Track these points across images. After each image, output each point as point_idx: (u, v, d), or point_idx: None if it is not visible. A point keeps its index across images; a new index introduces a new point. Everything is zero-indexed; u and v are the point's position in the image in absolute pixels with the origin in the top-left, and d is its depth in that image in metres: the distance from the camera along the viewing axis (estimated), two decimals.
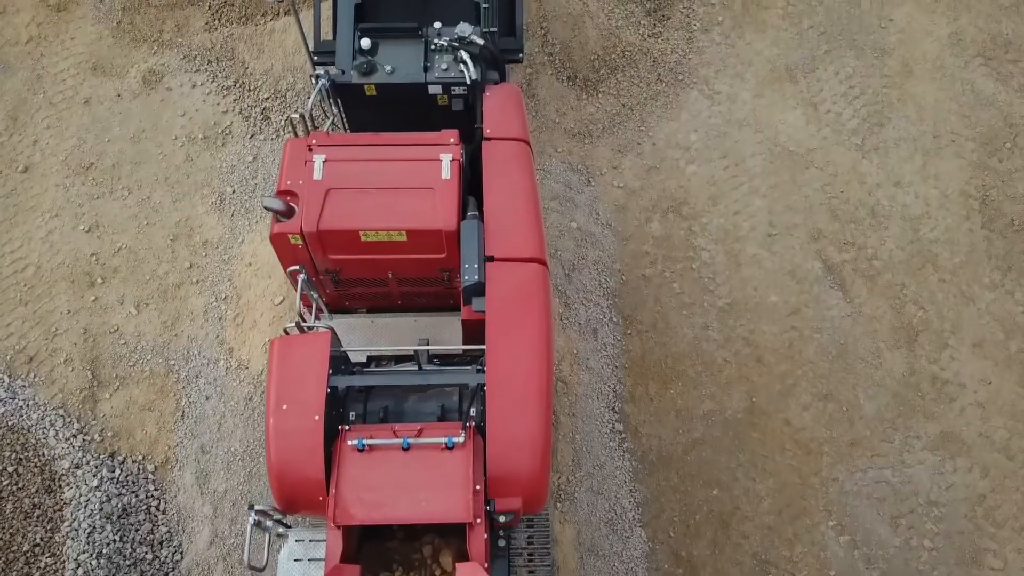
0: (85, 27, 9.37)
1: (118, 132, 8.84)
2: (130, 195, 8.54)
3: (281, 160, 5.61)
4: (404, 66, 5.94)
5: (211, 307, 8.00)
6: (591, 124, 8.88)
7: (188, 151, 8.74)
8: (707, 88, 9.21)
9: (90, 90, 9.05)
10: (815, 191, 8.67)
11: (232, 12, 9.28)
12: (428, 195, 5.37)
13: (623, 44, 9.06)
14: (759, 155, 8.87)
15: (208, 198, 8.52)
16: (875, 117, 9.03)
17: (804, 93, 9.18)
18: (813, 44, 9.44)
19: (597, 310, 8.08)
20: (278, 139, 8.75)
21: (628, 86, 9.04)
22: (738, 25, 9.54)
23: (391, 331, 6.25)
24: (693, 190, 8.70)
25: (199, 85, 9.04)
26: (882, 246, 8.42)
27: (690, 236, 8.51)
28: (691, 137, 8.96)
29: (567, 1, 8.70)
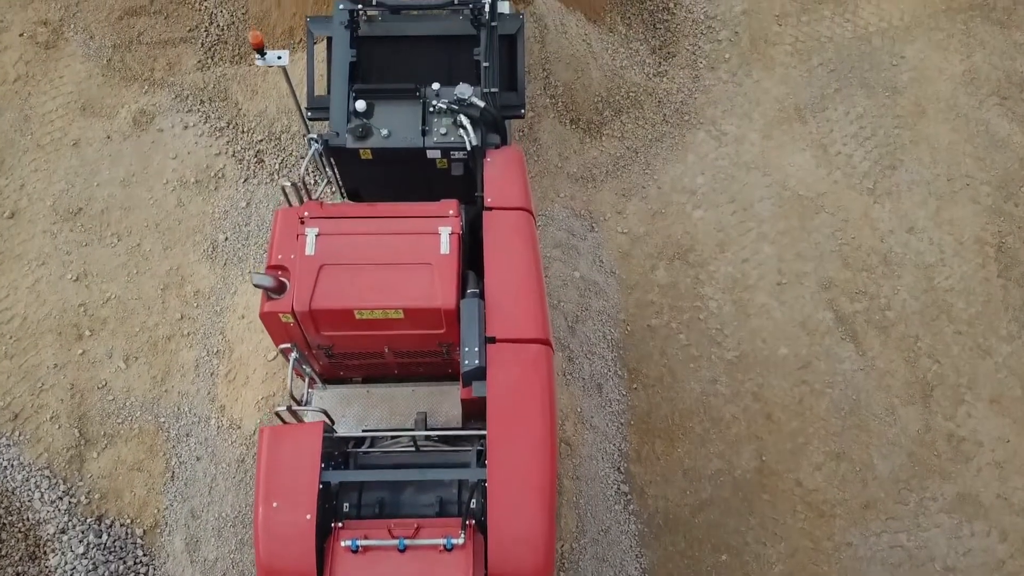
0: (74, 65, 9.11)
1: (107, 176, 8.58)
2: (119, 242, 8.28)
3: (271, 232, 5.35)
4: (401, 129, 5.68)
5: (203, 361, 7.74)
6: (594, 168, 8.63)
7: (179, 195, 8.48)
8: (714, 129, 8.95)
9: (79, 131, 8.80)
10: (826, 237, 8.42)
11: (225, 50, 9.02)
12: (426, 271, 5.11)
13: (628, 85, 8.80)
14: (768, 199, 8.61)
15: (200, 245, 8.26)
16: (887, 159, 8.78)
17: (814, 134, 8.92)
18: (823, 82, 9.18)
19: (601, 363, 7.82)
20: (272, 183, 8.50)
21: (633, 128, 8.79)
22: (745, 62, 9.29)
23: (388, 402, 5.99)
24: (700, 236, 8.44)
25: (191, 126, 8.78)
26: (895, 296, 8.16)
27: (697, 284, 8.25)
28: (698, 180, 8.70)
29: (570, 43, 8.44)
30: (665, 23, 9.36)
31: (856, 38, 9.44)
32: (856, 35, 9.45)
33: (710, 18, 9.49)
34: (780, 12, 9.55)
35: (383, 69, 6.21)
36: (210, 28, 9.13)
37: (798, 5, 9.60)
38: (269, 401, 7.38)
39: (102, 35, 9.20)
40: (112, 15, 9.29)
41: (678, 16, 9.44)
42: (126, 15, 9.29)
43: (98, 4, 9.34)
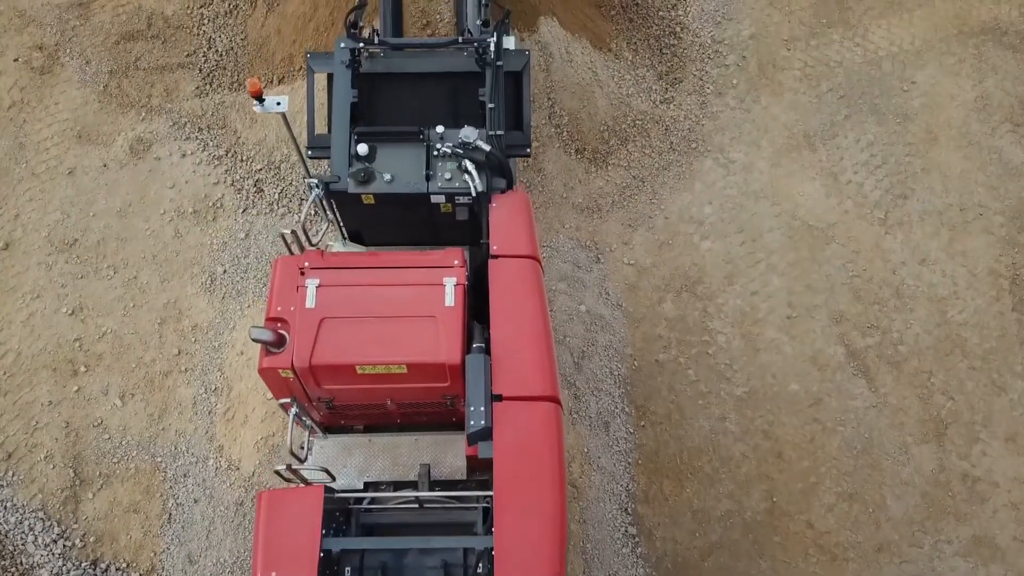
0: (70, 91, 8.95)
1: (104, 205, 8.41)
2: (116, 274, 8.11)
3: (270, 282, 5.18)
4: (404, 174, 5.51)
5: (200, 399, 7.57)
6: (600, 198, 8.46)
7: (177, 226, 8.31)
8: (722, 156, 8.79)
9: (75, 159, 8.63)
10: (836, 269, 8.25)
11: (224, 76, 8.86)
12: (430, 324, 4.94)
13: (634, 113, 8.63)
14: (777, 230, 8.44)
15: (198, 278, 8.09)
16: (898, 188, 8.61)
17: (823, 162, 8.75)
18: (832, 109, 9.02)
19: (608, 400, 7.65)
20: (272, 213, 8.33)
21: (639, 157, 8.62)
22: (753, 88, 9.12)
23: (390, 452, 5.82)
24: (708, 268, 8.27)
25: (189, 154, 8.61)
26: (908, 330, 7.99)
27: (705, 318, 8.08)
28: (705, 210, 8.54)
29: (575, 71, 8.28)
30: (671, 48, 9.20)
31: (866, 63, 9.28)
32: (866, 60, 9.29)
33: (717, 42, 9.33)
34: (789, 36, 9.39)
35: (385, 107, 6.04)
36: (208, 53, 8.97)
37: (807, 29, 9.44)
38: (269, 441, 7.21)
39: (98, 60, 9.04)
40: (109, 40, 9.13)
41: (685, 40, 9.28)
42: (123, 40, 9.13)
43: (94, 28, 9.19)
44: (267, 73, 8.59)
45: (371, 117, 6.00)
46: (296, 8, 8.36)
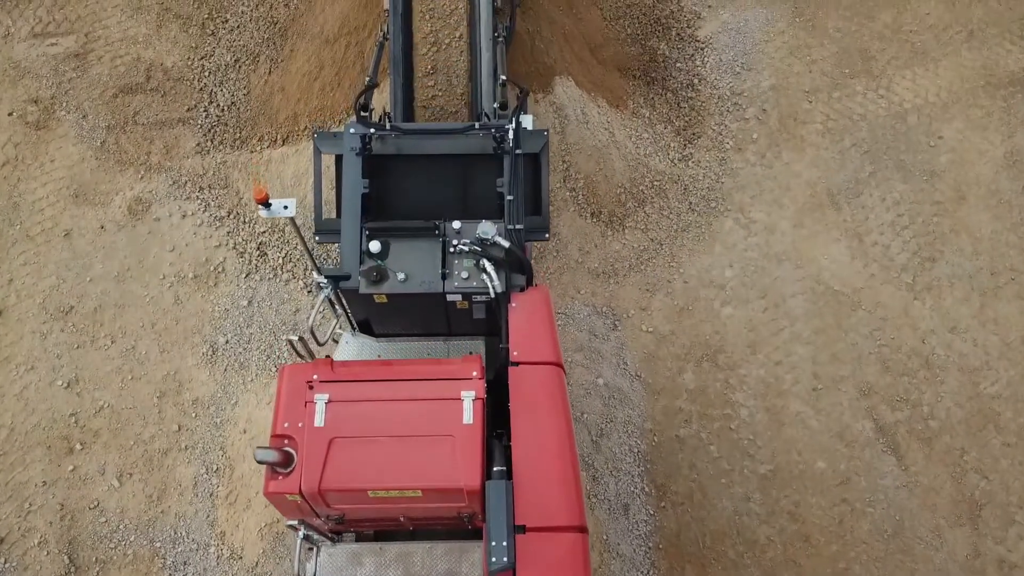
0: (67, 147, 8.63)
1: (101, 270, 8.09)
2: (113, 344, 7.79)
3: (276, 393, 4.86)
4: (419, 272, 5.18)
5: (201, 479, 7.25)
6: (617, 262, 8.14)
7: (177, 292, 8.00)
8: (742, 216, 8.47)
9: (71, 221, 8.31)
10: (863, 338, 7.93)
11: (226, 132, 8.54)
12: (447, 444, 4.61)
13: (652, 174, 8.32)
14: (801, 295, 8.12)
15: (199, 348, 7.77)
16: (926, 250, 8.29)
17: (848, 222, 8.43)
18: (856, 165, 8.70)
19: (628, 480, 7.32)
20: (276, 278, 8.01)
21: (657, 219, 8.30)
22: (774, 143, 8.80)
23: (403, 561, 5.48)
24: (729, 336, 7.95)
25: (189, 215, 8.30)
26: (939, 403, 7.67)
27: (727, 389, 7.76)
28: (726, 273, 8.21)
29: (592, 133, 7.96)
30: (689, 101, 8.88)
31: (891, 116, 8.96)
32: (890, 113, 8.97)
33: (736, 94, 9.01)
34: (810, 88, 9.07)
35: (397, 190, 5.71)
36: (209, 108, 8.66)
37: (829, 80, 9.12)
38: (272, 528, 6.89)
39: (96, 114, 8.73)
40: (107, 92, 8.82)
41: (703, 93, 8.96)
42: (121, 93, 8.82)
43: (92, 81, 8.88)
44: (270, 132, 8.27)
45: (382, 201, 5.68)
46: (301, 66, 8.05)
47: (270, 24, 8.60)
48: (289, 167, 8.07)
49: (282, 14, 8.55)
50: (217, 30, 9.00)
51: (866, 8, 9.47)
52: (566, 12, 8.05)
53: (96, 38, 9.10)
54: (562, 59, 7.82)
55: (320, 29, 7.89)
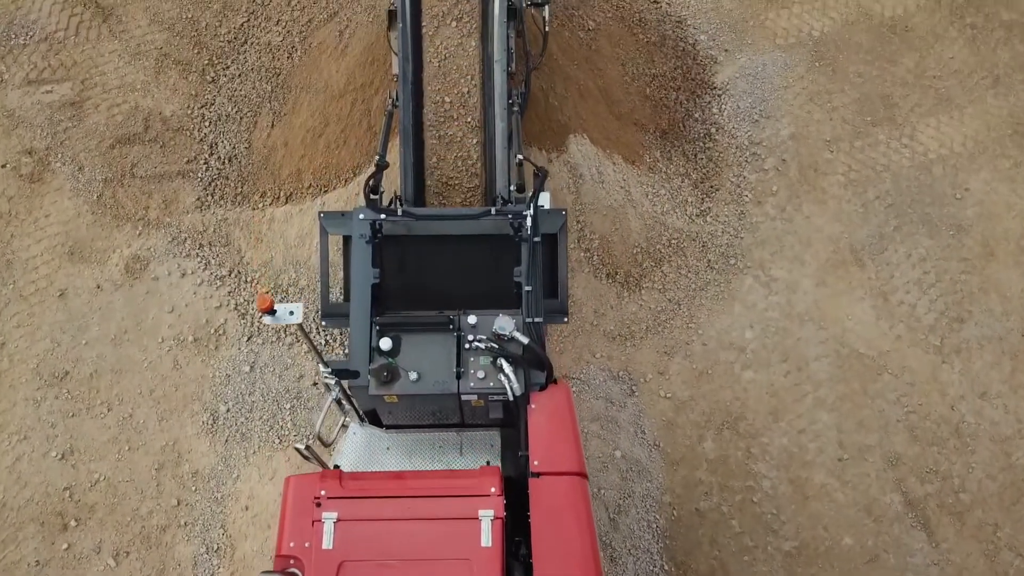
0: (62, 202, 8.33)
1: (97, 332, 7.79)
2: (110, 412, 7.49)
3: (281, 507, 4.56)
4: (432, 370, 4.88)
5: (201, 559, 6.95)
6: (633, 324, 7.83)
7: (176, 356, 7.69)
8: (763, 274, 8.16)
9: (66, 280, 8.01)
10: (890, 404, 7.62)
11: (227, 186, 8.24)
12: (463, 569, 4.32)
13: (670, 232, 8.01)
14: (824, 358, 7.82)
15: (199, 416, 7.47)
16: (954, 310, 7.99)
17: (873, 280, 8.13)
18: (880, 219, 8.39)
19: (647, 559, 7.02)
20: (279, 342, 7.71)
21: (675, 278, 7.99)
22: (795, 195, 8.50)
23: None
24: (751, 402, 7.65)
25: (189, 273, 7.99)
26: (969, 474, 7.36)
27: (749, 459, 7.45)
28: (746, 335, 7.91)
29: (607, 193, 7.66)
30: (707, 151, 8.58)
31: (915, 167, 8.65)
32: (915, 163, 8.66)
33: (755, 143, 8.71)
34: (831, 136, 8.76)
35: (408, 273, 5.41)
36: (210, 160, 8.35)
37: (850, 128, 8.81)
38: None
39: (92, 167, 8.42)
40: (103, 143, 8.52)
41: (720, 143, 8.65)
42: (118, 143, 8.52)
43: (88, 131, 8.58)
44: (273, 188, 7.96)
45: (392, 283, 5.37)
46: (304, 121, 7.75)
47: (273, 75, 8.30)
48: (293, 227, 7.76)
49: (285, 65, 8.24)
50: (218, 77, 8.71)
51: (888, 52, 9.17)
52: (583, 67, 7.75)
53: (93, 85, 8.80)
54: (576, 116, 7.52)
55: (325, 84, 7.59)
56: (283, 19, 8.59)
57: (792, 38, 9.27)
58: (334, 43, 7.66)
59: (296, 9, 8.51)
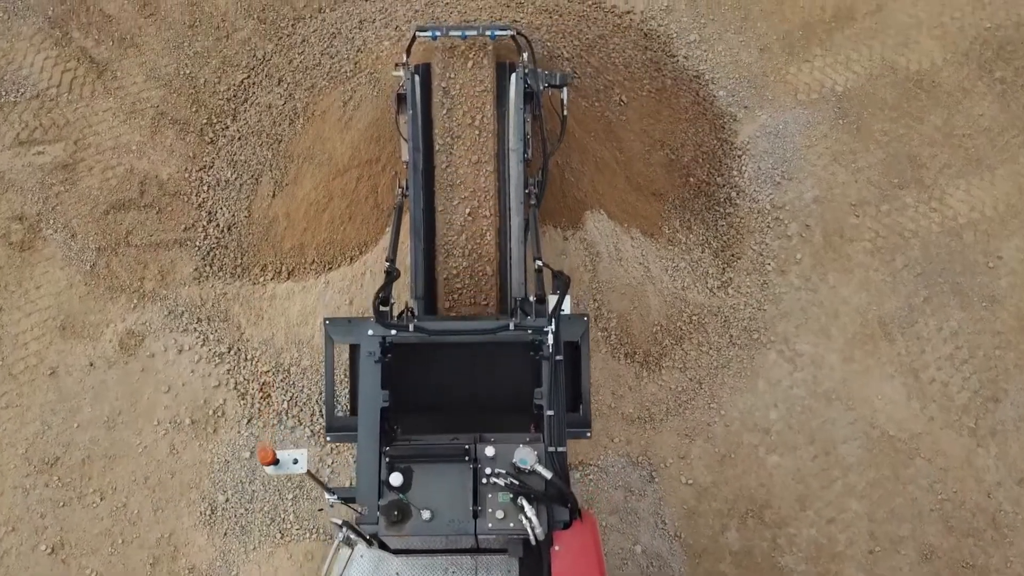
0: (53, 272, 7.96)
1: (89, 414, 7.43)
2: (103, 501, 7.13)
3: None
4: (447, 508, 4.51)
5: None
6: (653, 406, 7.46)
7: (173, 440, 7.33)
8: (787, 349, 7.79)
9: (57, 357, 7.64)
10: (923, 491, 7.25)
11: (226, 257, 7.87)
12: None
13: (690, 308, 7.64)
14: (853, 440, 7.45)
15: (196, 507, 7.10)
16: (988, 389, 7.62)
17: (903, 356, 7.76)
18: (910, 289, 8.02)
19: None
20: (281, 425, 7.34)
21: (696, 356, 7.62)
22: (819, 264, 8.13)
23: None
24: (776, 489, 7.28)
25: (186, 349, 7.63)
26: (1008, 568, 7.00)
27: (775, 551, 7.09)
28: (771, 415, 7.54)
29: (625, 270, 7.29)
30: (727, 217, 8.21)
31: (944, 232, 8.28)
32: (944, 229, 8.30)
33: (777, 208, 8.34)
34: (856, 200, 8.40)
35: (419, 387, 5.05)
36: (208, 228, 7.99)
37: (876, 191, 8.44)
38: None
39: (85, 234, 8.06)
40: (97, 209, 8.15)
41: (742, 208, 8.29)
42: (113, 209, 8.15)
43: (81, 195, 8.21)
44: (275, 261, 7.60)
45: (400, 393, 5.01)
46: (308, 193, 7.38)
47: (274, 141, 7.93)
48: (295, 304, 7.40)
49: (287, 132, 7.88)
50: (216, 138, 8.34)
51: (914, 108, 8.80)
52: (602, 140, 7.39)
53: (86, 146, 8.44)
54: (594, 190, 7.16)
55: (329, 156, 7.23)
56: (285, 79, 8.23)
57: (814, 94, 8.90)
58: (338, 113, 7.30)
59: (299, 71, 8.15)
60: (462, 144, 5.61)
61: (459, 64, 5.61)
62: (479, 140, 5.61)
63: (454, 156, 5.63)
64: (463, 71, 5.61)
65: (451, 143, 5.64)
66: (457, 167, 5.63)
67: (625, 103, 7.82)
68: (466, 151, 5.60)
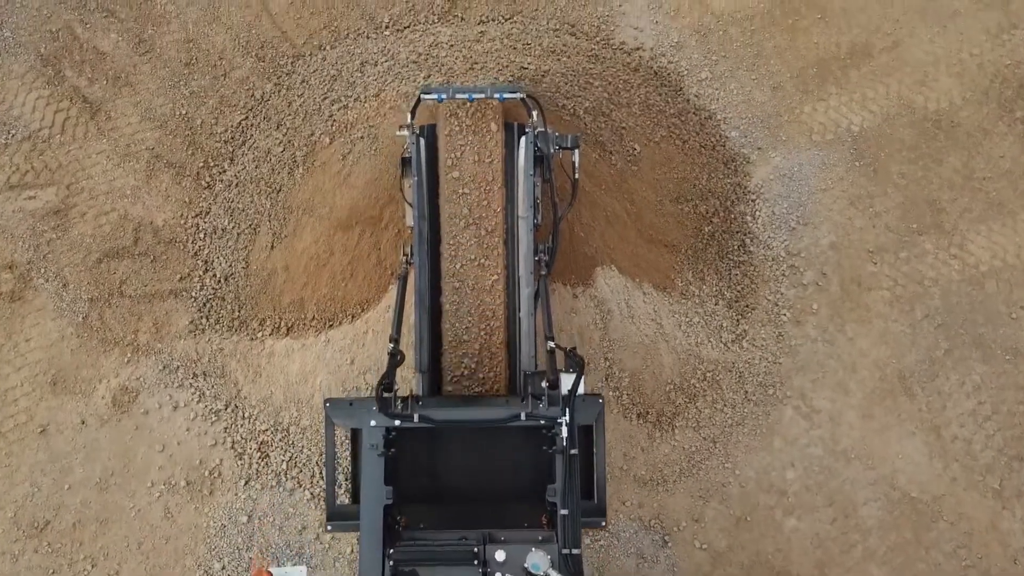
0: (44, 323, 7.70)
1: (81, 475, 7.17)
2: (94, 568, 6.87)
3: None
4: None
5: None
6: (666, 467, 7.20)
7: (167, 503, 7.07)
8: (803, 404, 7.52)
9: (48, 414, 7.38)
10: (947, 556, 6.99)
11: (223, 309, 7.60)
12: None
13: (704, 364, 7.38)
14: (873, 502, 7.18)
15: (191, 574, 6.83)
16: (1013, 447, 7.35)
17: (924, 412, 7.49)
18: (930, 341, 7.76)
19: None
20: (279, 487, 7.08)
21: (710, 414, 7.36)
22: (837, 314, 7.86)
23: None
24: (794, 554, 7.01)
25: (182, 406, 7.37)
26: None
27: None
28: (787, 475, 7.28)
29: (637, 328, 7.04)
30: (741, 266, 7.95)
31: (965, 281, 8.01)
32: (965, 277, 8.03)
33: (792, 255, 8.07)
34: (874, 247, 8.13)
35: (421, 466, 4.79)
36: (204, 278, 7.72)
37: (895, 237, 8.17)
38: None
39: (77, 284, 7.79)
40: (89, 257, 7.89)
41: (756, 255, 8.02)
42: (106, 257, 7.89)
43: (73, 243, 7.95)
44: (273, 316, 7.34)
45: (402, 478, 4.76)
46: (308, 247, 7.12)
47: (272, 190, 7.67)
48: (295, 363, 7.14)
49: (286, 181, 7.62)
50: (214, 183, 8.07)
51: (933, 150, 8.54)
52: (613, 193, 7.14)
53: (79, 190, 8.18)
54: (604, 246, 6.90)
55: (329, 210, 6.98)
56: (284, 123, 7.97)
57: (830, 134, 8.63)
58: (337, 167, 7.05)
59: (298, 115, 7.90)
60: (469, 212, 5.34)
61: (466, 128, 5.35)
62: (487, 208, 5.35)
63: (461, 225, 5.37)
64: (470, 136, 5.34)
65: (458, 211, 5.37)
66: (464, 236, 5.36)
67: (638, 152, 7.57)
68: (474, 219, 5.34)
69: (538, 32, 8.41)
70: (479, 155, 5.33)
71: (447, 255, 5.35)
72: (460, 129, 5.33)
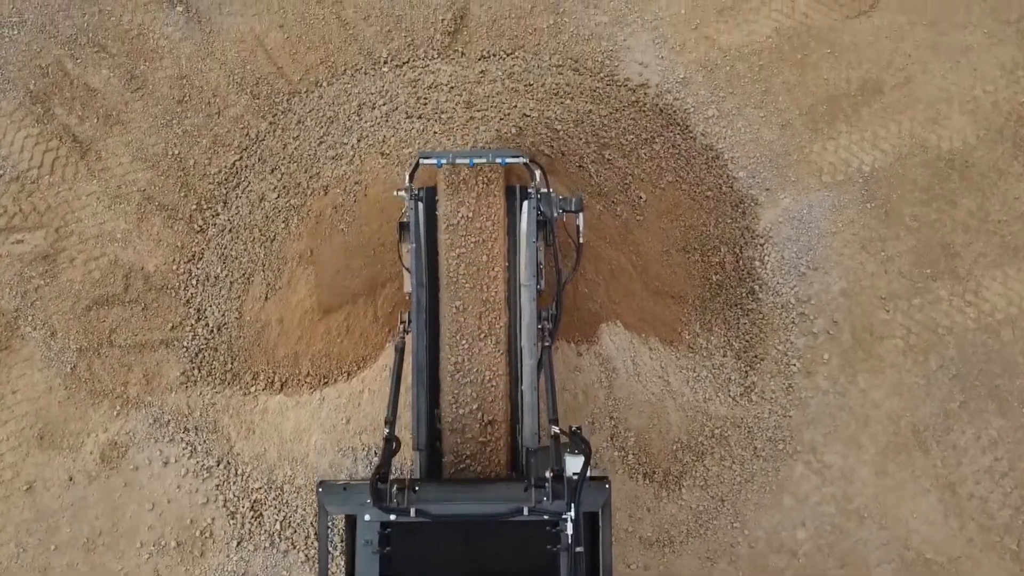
0: (31, 374, 7.47)
1: (68, 535, 6.94)
2: None
3: None
4: None
5: None
6: (672, 528, 6.96)
7: (156, 565, 6.84)
8: (814, 460, 7.29)
9: (35, 470, 7.16)
10: None
11: (215, 360, 7.37)
12: None
13: (712, 421, 7.15)
14: (887, 564, 6.95)
15: None
16: None
17: (939, 468, 7.26)
18: (945, 393, 7.52)
19: None
20: (273, 548, 6.85)
21: (718, 471, 7.13)
22: (848, 364, 7.63)
23: None
24: None
25: (172, 462, 7.14)
26: None
27: None
28: (798, 535, 7.04)
29: (643, 386, 6.80)
30: (750, 314, 7.71)
31: (981, 329, 7.78)
32: (980, 325, 7.79)
33: (802, 302, 7.84)
34: (887, 293, 7.89)
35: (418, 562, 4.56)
36: (196, 327, 7.49)
37: (908, 283, 7.94)
38: None
39: (66, 332, 7.56)
40: (78, 305, 7.66)
41: (765, 303, 7.78)
42: (95, 305, 7.66)
43: (62, 290, 7.72)
44: (267, 370, 7.11)
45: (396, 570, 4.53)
46: (302, 300, 6.89)
47: (267, 239, 7.43)
48: (288, 420, 6.90)
49: (280, 231, 7.38)
50: (207, 226, 7.84)
51: (946, 191, 8.30)
52: (618, 245, 6.91)
53: (68, 234, 7.95)
54: (609, 301, 6.67)
55: (324, 264, 6.73)
56: (279, 167, 7.74)
57: (840, 174, 8.40)
58: (330, 220, 6.81)
59: (293, 160, 7.66)
60: (470, 281, 5.11)
61: (466, 194, 5.12)
62: (489, 276, 5.12)
63: (461, 293, 5.13)
64: (471, 201, 5.11)
65: (458, 280, 5.14)
66: (464, 305, 5.13)
67: (643, 200, 7.34)
68: (475, 288, 5.11)
69: (540, 70, 8.18)
70: (480, 221, 5.10)
71: (446, 324, 5.12)
72: (460, 193, 5.10)
